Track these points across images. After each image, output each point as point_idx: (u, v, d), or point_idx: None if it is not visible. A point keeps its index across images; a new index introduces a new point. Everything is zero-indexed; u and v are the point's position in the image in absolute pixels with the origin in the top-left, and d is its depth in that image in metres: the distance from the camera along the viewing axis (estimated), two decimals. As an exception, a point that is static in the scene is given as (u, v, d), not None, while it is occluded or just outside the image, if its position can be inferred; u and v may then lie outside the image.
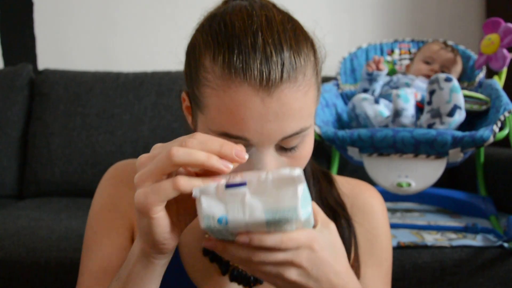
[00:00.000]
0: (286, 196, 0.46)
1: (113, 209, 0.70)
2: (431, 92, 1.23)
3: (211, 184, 0.48)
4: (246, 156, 0.48)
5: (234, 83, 0.53)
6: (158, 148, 0.50)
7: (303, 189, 0.47)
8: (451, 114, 1.21)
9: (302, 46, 0.56)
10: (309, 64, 0.57)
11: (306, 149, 0.59)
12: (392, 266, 0.75)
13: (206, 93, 0.55)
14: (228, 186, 0.47)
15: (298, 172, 0.47)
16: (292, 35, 0.56)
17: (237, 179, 0.48)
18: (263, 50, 0.53)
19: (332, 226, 0.54)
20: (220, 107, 0.54)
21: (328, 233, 0.53)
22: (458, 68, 1.55)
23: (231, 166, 0.48)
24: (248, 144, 0.55)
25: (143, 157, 0.49)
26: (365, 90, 1.51)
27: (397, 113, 1.27)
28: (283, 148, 0.57)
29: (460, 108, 1.21)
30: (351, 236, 0.70)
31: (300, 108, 0.55)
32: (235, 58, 0.53)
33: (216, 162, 0.47)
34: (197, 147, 0.47)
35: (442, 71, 1.53)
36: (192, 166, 0.48)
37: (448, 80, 1.21)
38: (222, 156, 0.48)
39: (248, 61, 0.53)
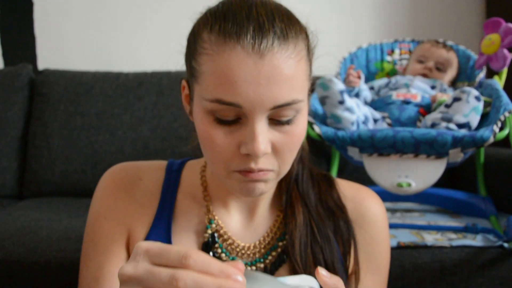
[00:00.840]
0: None
1: (108, 216, 0.71)
2: (456, 99, 1.23)
3: None
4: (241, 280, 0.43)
5: (228, 46, 0.56)
6: (142, 258, 0.44)
7: None
8: (460, 126, 1.22)
9: (294, 24, 0.60)
10: (301, 39, 0.60)
11: (300, 127, 0.60)
12: (392, 266, 0.75)
13: (202, 61, 0.58)
14: None
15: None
16: (285, 14, 0.59)
17: None
18: (256, 19, 0.56)
19: None
20: (214, 71, 0.56)
21: None
22: (453, 64, 1.55)
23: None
24: (240, 114, 0.57)
25: (125, 275, 0.44)
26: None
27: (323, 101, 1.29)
28: (275, 121, 0.58)
29: (470, 127, 1.22)
30: (350, 238, 0.70)
31: (292, 76, 0.57)
32: (230, 25, 0.56)
33: None
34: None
35: (437, 68, 1.53)
36: None
37: (477, 99, 1.22)
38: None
39: (241, 27, 0.56)
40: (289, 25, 0.58)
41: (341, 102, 1.26)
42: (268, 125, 0.58)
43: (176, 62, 0.71)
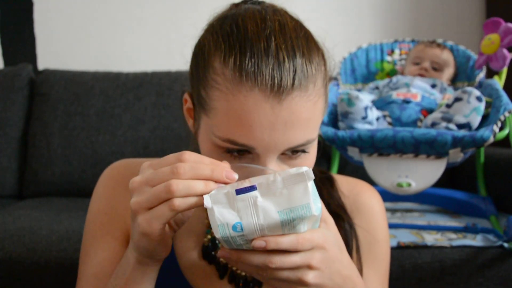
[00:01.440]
0: (297, 194, 0.47)
1: (109, 212, 0.70)
2: (457, 99, 1.23)
3: (221, 191, 0.48)
4: (236, 176, 0.49)
5: (245, 87, 0.52)
6: (147, 169, 0.51)
7: (312, 185, 0.47)
8: (460, 126, 1.22)
9: (314, 55, 0.56)
10: (320, 73, 0.56)
11: (310, 158, 0.59)
12: (392, 266, 0.75)
13: (214, 96, 0.54)
14: (238, 192, 0.47)
15: (306, 168, 0.47)
16: (305, 43, 0.55)
17: (246, 183, 0.48)
18: (276, 55, 0.52)
19: (330, 220, 0.54)
20: (228, 111, 0.53)
21: (331, 229, 0.53)
22: (449, 62, 1.55)
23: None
24: (252, 153, 0.55)
25: (136, 182, 0.50)
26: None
27: (344, 115, 1.30)
28: (287, 156, 0.57)
29: (470, 128, 1.22)
30: (353, 238, 0.70)
31: (309, 118, 0.54)
32: (247, 62, 0.52)
33: (214, 189, 0.48)
34: (189, 175, 0.48)
35: (433, 68, 1.53)
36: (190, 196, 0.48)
37: (478, 99, 1.22)
38: (214, 180, 0.48)
39: (260, 65, 0.52)
40: (309, 59, 0.54)
41: (364, 118, 1.27)
42: (280, 159, 0.56)
43: (176, 62, 0.70)
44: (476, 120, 1.22)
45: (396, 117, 1.34)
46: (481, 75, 1.50)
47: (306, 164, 0.58)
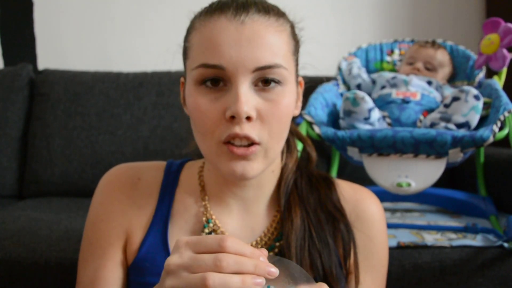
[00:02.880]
0: None
1: (105, 219, 0.71)
2: (455, 98, 1.23)
3: None
4: (277, 272, 0.50)
5: (213, 17, 0.62)
6: (184, 249, 0.50)
7: None
8: (459, 126, 1.22)
9: (275, 8, 0.65)
10: (283, 18, 0.65)
11: (286, 99, 0.63)
12: (392, 266, 0.75)
13: (191, 37, 0.64)
14: None
15: None
16: (268, 3, 0.65)
17: None
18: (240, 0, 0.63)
19: None
20: (200, 40, 0.62)
21: None
22: (442, 61, 1.54)
23: (263, 283, 0.49)
24: (224, 77, 0.60)
25: (173, 265, 0.50)
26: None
27: (347, 113, 1.29)
28: (260, 87, 0.61)
29: (469, 126, 1.22)
30: (350, 240, 0.71)
31: (273, 43, 0.61)
32: (214, 6, 0.64)
33: (250, 284, 0.48)
34: (232, 269, 0.48)
35: (427, 68, 1.53)
36: None
37: (476, 97, 1.21)
38: (256, 274, 0.49)
39: (225, 3, 0.63)
40: (272, 7, 0.64)
41: (367, 119, 1.27)
42: (254, 91, 0.61)
43: (176, 62, 0.72)
44: (474, 119, 1.22)
45: (395, 117, 1.34)
46: (481, 75, 1.50)
47: (282, 103, 0.62)
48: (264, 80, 0.61)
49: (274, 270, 0.50)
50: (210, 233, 0.69)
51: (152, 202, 0.72)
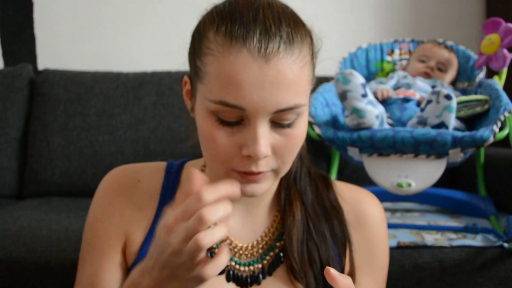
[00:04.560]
0: None
1: (105, 220, 0.71)
2: (428, 101, 1.23)
3: None
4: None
5: (234, 49, 0.56)
6: (168, 216, 0.54)
7: None
8: (435, 127, 1.22)
9: (300, 27, 0.60)
10: (306, 44, 0.60)
11: (300, 130, 0.61)
12: (392, 266, 0.75)
13: (207, 61, 0.58)
14: None
15: None
16: (291, 17, 0.60)
17: None
18: (263, 22, 0.57)
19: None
20: (219, 73, 0.57)
21: None
22: (454, 65, 1.56)
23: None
24: (243, 116, 0.57)
25: (163, 232, 0.54)
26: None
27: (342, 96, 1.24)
28: (277, 124, 0.59)
29: (446, 126, 1.21)
30: (345, 240, 0.70)
31: (296, 81, 0.58)
32: (236, 28, 0.57)
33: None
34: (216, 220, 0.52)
35: (438, 68, 1.53)
36: None
37: (447, 97, 1.20)
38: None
39: (248, 30, 0.56)
40: (295, 29, 0.58)
41: (364, 96, 1.22)
42: (270, 127, 0.59)
43: (176, 62, 0.71)
44: (449, 118, 1.21)
45: (396, 118, 1.34)
46: (481, 75, 1.50)
47: (298, 135, 0.61)
48: (282, 122, 0.59)
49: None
50: None
51: (153, 203, 0.72)
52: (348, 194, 0.75)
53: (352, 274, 0.70)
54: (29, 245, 1.21)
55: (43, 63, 2.14)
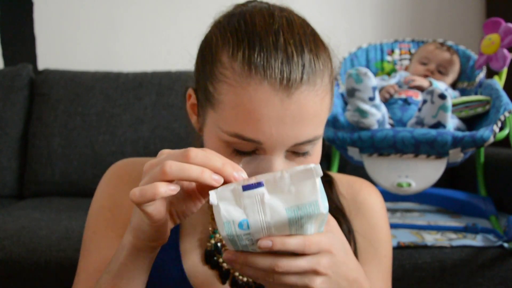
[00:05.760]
0: (305, 191, 0.45)
1: (113, 208, 0.69)
2: (424, 101, 1.23)
3: (227, 188, 0.47)
4: (244, 174, 0.49)
5: (254, 80, 0.52)
6: (163, 154, 0.51)
7: (320, 182, 0.46)
8: (432, 127, 1.21)
9: (321, 51, 0.56)
10: (327, 70, 0.56)
11: (315, 156, 0.58)
12: (392, 266, 0.75)
13: (222, 89, 0.54)
14: (245, 188, 0.46)
15: (313, 165, 0.46)
16: (312, 39, 0.55)
17: (252, 180, 0.47)
18: (285, 50, 0.52)
19: (333, 222, 0.53)
20: (236, 105, 0.53)
21: (335, 231, 0.52)
22: (455, 67, 1.55)
23: (221, 181, 0.48)
24: (259, 148, 0.54)
25: (148, 164, 0.50)
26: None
27: (350, 93, 1.24)
28: (293, 153, 0.56)
29: (443, 126, 1.21)
30: (351, 241, 0.70)
31: (316, 114, 0.54)
32: (256, 55, 0.52)
33: (208, 177, 0.47)
34: (197, 161, 0.47)
35: (439, 71, 1.53)
36: (186, 180, 0.48)
37: (441, 97, 1.19)
38: (223, 175, 0.48)
39: (269, 59, 0.52)
40: (316, 55, 0.54)
41: (372, 99, 1.22)
42: (286, 158, 0.56)
43: (176, 62, 0.70)
44: (445, 118, 1.20)
45: (397, 118, 1.34)
46: (481, 75, 1.50)
47: (313, 161, 0.58)
48: (298, 151, 0.56)
49: (242, 172, 0.48)
50: (216, 243, 0.68)
51: None
52: (345, 187, 0.74)
53: None
54: (29, 245, 1.21)
55: (43, 63, 2.14)
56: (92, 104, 1.84)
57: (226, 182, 0.48)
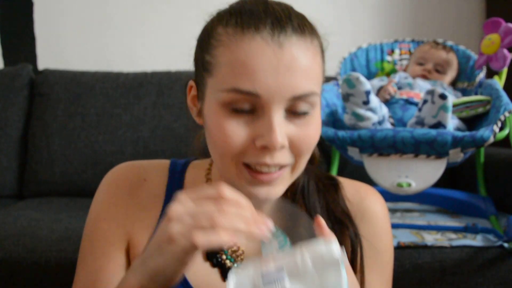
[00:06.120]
0: (330, 279, 0.44)
1: (108, 218, 0.69)
2: (424, 101, 1.23)
3: (247, 276, 0.46)
4: (271, 227, 0.50)
5: (247, 36, 0.56)
6: (185, 199, 0.50)
7: (343, 268, 0.45)
8: (432, 127, 1.21)
9: (307, 23, 0.60)
10: (316, 36, 0.60)
11: (315, 121, 0.60)
12: (392, 266, 0.75)
13: (218, 52, 0.58)
14: (266, 280, 0.45)
15: (337, 248, 0.45)
16: (299, 13, 0.61)
17: (271, 266, 0.46)
18: (273, 14, 0.57)
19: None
20: (232, 61, 0.56)
21: None
22: (453, 65, 1.55)
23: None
24: (257, 105, 0.56)
25: (176, 211, 0.50)
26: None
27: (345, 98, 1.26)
28: (292, 113, 0.58)
29: (444, 126, 1.21)
30: (357, 245, 0.70)
31: (310, 67, 0.57)
32: (247, 18, 0.57)
33: (254, 230, 0.49)
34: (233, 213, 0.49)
35: (436, 70, 1.53)
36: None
37: (442, 97, 1.19)
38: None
39: (260, 19, 0.57)
40: (303, 23, 0.59)
41: (366, 103, 1.24)
42: (286, 118, 0.57)
43: (176, 62, 0.70)
44: (445, 118, 1.21)
45: (398, 118, 1.34)
46: (481, 75, 1.50)
47: (312, 129, 0.60)
48: (297, 110, 0.58)
49: (270, 225, 0.50)
50: None
51: (158, 203, 0.70)
52: (351, 192, 0.74)
53: (361, 272, 0.69)
54: (29, 245, 1.21)
55: (43, 63, 2.14)
56: (92, 104, 1.84)
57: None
